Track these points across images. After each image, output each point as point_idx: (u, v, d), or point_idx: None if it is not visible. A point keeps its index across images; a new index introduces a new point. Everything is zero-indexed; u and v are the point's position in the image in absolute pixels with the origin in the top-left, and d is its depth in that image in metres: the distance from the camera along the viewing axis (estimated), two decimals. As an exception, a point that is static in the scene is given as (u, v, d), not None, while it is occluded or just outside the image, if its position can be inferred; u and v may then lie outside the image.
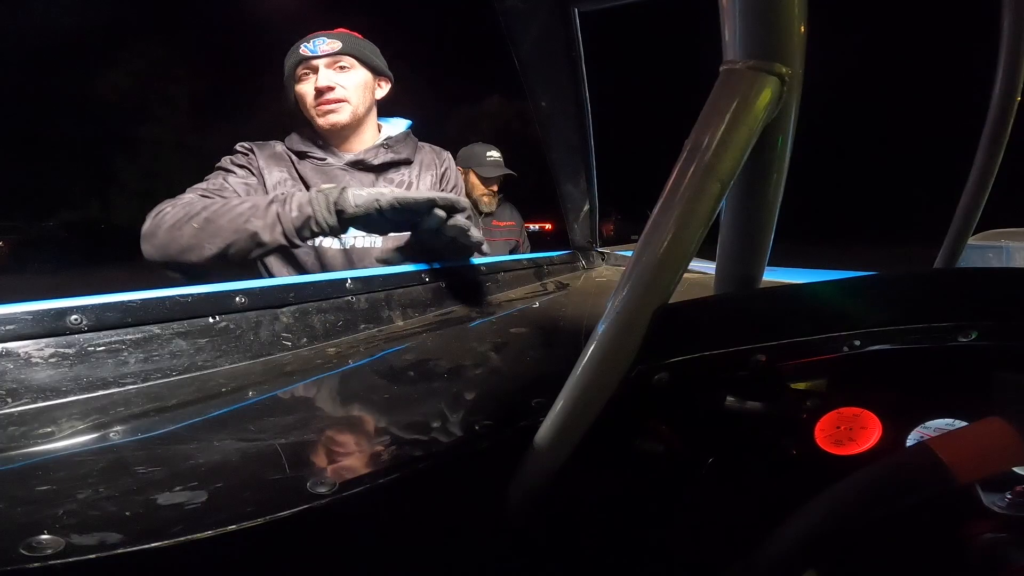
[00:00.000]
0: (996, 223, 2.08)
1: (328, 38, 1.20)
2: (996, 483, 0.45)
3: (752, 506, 0.48)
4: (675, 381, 0.42)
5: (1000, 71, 0.79)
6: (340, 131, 1.23)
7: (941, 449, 0.34)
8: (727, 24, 0.36)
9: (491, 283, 1.04)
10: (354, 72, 1.22)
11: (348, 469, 0.36)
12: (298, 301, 0.69)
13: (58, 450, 0.39)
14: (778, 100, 0.36)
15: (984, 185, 0.85)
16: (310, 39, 1.20)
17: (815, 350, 0.42)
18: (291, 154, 1.24)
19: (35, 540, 0.27)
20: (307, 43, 1.20)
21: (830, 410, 0.47)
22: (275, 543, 0.31)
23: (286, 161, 1.23)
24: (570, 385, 0.37)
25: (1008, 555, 0.42)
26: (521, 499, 0.39)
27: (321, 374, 0.57)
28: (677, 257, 0.35)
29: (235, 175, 1.15)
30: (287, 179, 1.21)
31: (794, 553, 0.36)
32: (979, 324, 0.40)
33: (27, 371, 0.47)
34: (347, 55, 1.21)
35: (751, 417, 0.47)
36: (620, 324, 0.36)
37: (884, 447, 0.47)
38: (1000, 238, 2.15)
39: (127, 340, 0.53)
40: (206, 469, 0.35)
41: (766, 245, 0.45)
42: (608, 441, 0.44)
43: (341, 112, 1.21)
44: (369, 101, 1.26)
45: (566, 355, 0.40)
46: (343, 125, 1.22)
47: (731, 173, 0.35)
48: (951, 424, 0.46)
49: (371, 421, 0.47)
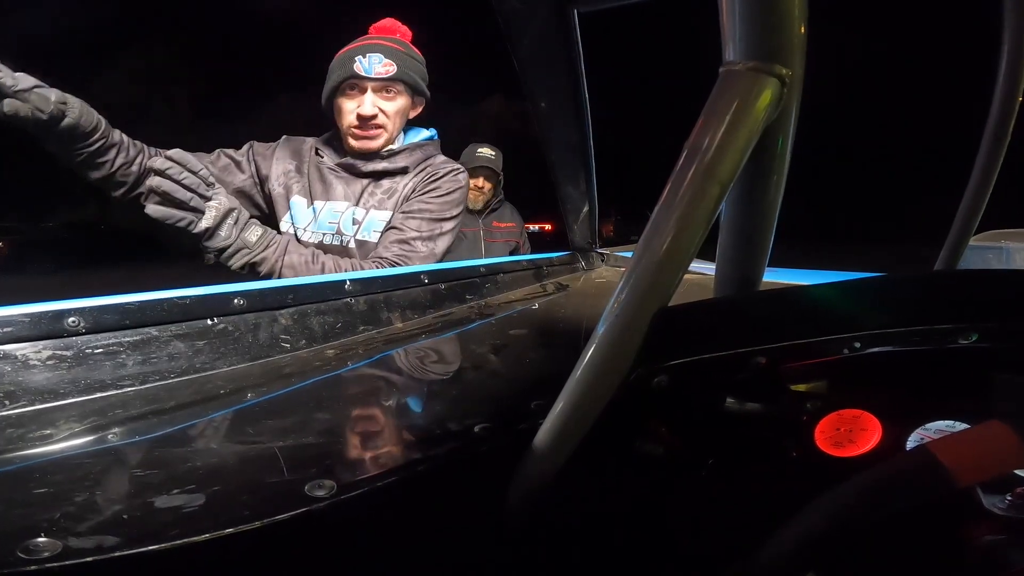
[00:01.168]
0: (996, 224, 2.07)
1: (385, 56, 1.17)
2: (996, 485, 0.45)
3: (752, 508, 0.47)
4: (675, 384, 0.42)
5: (1002, 72, 0.79)
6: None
7: (941, 452, 0.34)
8: (727, 25, 0.36)
9: (490, 284, 1.04)
10: (398, 99, 1.21)
11: (346, 472, 0.36)
12: (297, 303, 0.68)
13: (56, 452, 0.38)
14: (778, 101, 0.36)
15: (985, 186, 0.85)
16: (365, 52, 1.16)
17: (815, 352, 0.42)
18: (314, 149, 1.27)
19: (32, 543, 0.27)
20: (362, 57, 1.16)
21: (830, 412, 0.47)
22: (273, 546, 0.31)
23: (304, 156, 1.26)
24: (569, 387, 0.37)
25: (1008, 557, 0.42)
26: (520, 502, 0.39)
27: (320, 376, 0.57)
28: (677, 259, 0.35)
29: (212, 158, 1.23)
30: (291, 172, 1.24)
31: (794, 555, 0.36)
32: (979, 326, 0.40)
33: (25, 373, 0.47)
34: (398, 80, 1.19)
35: (751, 419, 0.47)
36: (620, 326, 0.36)
37: (884, 449, 0.47)
38: (1001, 239, 2.15)
39: (125, 342, 0.53)
40: (204, 472, 0.35)
41: (766, 247, 0.45)
42: (607, 443, 0.44)
43: (376, 140, 1.21)
44: (402, 125, 1.26)
45: (565, 357, 0.40)
46: (375, 150, 1.22)
47: (731, 175, 0.35)
48: (951, 426, 0.46)
49: (369, 423, 0.47)
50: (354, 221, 1.21)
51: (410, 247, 1.16)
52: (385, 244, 1.17)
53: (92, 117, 0.96)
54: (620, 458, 0.46)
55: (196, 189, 0.88)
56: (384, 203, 1.22)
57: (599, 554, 0.47)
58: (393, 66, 1.17)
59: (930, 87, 21.93)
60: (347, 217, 1.21)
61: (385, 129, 1.20)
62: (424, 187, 1.23)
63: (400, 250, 1.15)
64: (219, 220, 0.90)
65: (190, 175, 0.87)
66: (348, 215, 1.21)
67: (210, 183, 0.91)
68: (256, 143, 1.29)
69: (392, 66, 1.17)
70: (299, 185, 1.24)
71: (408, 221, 1.18)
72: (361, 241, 1.20)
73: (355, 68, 1.16)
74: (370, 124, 1.19)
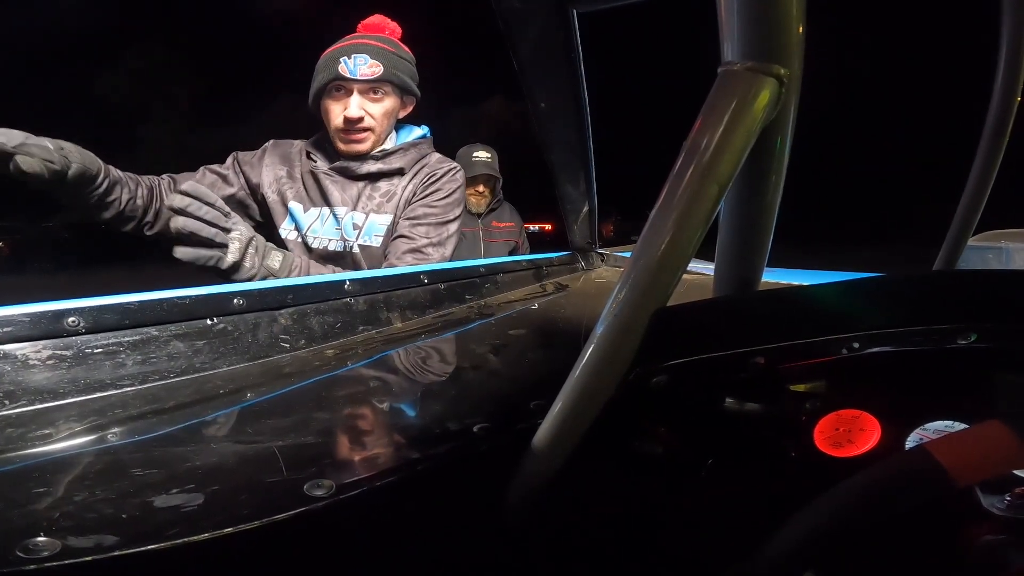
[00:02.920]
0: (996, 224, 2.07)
1: (370, 56, 1.13)
2: (995, 485, 0.45)
3: (751, 508, 0.47)
4: (674, 383, 0.42)
5: (1000, 71, 0.79)
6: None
7: (940, 452, 0.34)
8: (725, 25, 0.36)
9: (490, 284, 1.04)
10: (386, 100, 1.19)
11: (346, 472, 0.36)
12: (296, 303, 0.68)
13: (55, 452, 0.39)
14: (776, 101, 0.36)
15: (984, 186, 0.85)
16: (351, 53, 1.13)
17: (814, 352, 0.42)
18: (305, 152, 1.24)
19: (32, 542, 0.27)
20: (347, 59, 1.12)
21: (829, 412, 0.47)
22: (272, 546, 0.31)
23: (293, 160, 1.24)
24: (568, 387, 0.37)
25: (1007, 557, 0.42)
26: (519, 502, 0.39)
27: (319, 376, 0.57)
28: (675, 259, 0.35)
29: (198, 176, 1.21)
30: (283, 177, 1.22)
31: (793, 555, 0.36)
32: (978, 326, 0.40)
33: (24, 373, 0.47)
34: (385, 82, 1.16)
35: (750, 419, 0.47)
36: (618, 326, 0.36)
37: (883, 449, 0.47)
38: (1000, 239, 2.14)
39: (125, 342, 0.53)
40: (203, 471, 0.35)
41: (765, 247, 0.45)
42: (606, 443, 0.44)
43: (364, 143, 1.19)
44: (391, 125, 1.24)
45: (564, 357, 0.40)
46: (363, 153, 1.20)
47: (729, 175, 0.35)
48: (950, 426, 0.46)
49: (369, 423, 0.47)
50: (354, 226, 1.20)
51: (423, 255, 1.16)
52: (397, 254, 1.15)
53: (92, 158, 0.93)
54: (619, 458, 0.46)
55: (217, 223, 0.85)
56: (383, 206, 1.21)
57: (597, 554, 0.47)
58: (379, 67, 1.14)
59: (929, 86, 21.95)
60: (347, 222, 1.20)
61: (373, 131, 1.18)
62: (424, 190, 1.22)
63: (414, 259, 1.14)
64: (242, 252, 0.87)
65: (209, 208, 0.84)
66: (348, 220, 1.20)
67: (227, 213, 0.87)
68: (240, 152, 1.26)
69: (378, 67, 1.14)
70: (293, 190, 1.22)
71: (416, 229, 1.17)
72: (364, 246, 1.19)
73: (339, 70, 1.12)
74: (356, 127, 1.16)
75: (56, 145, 0.87)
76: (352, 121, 1.15)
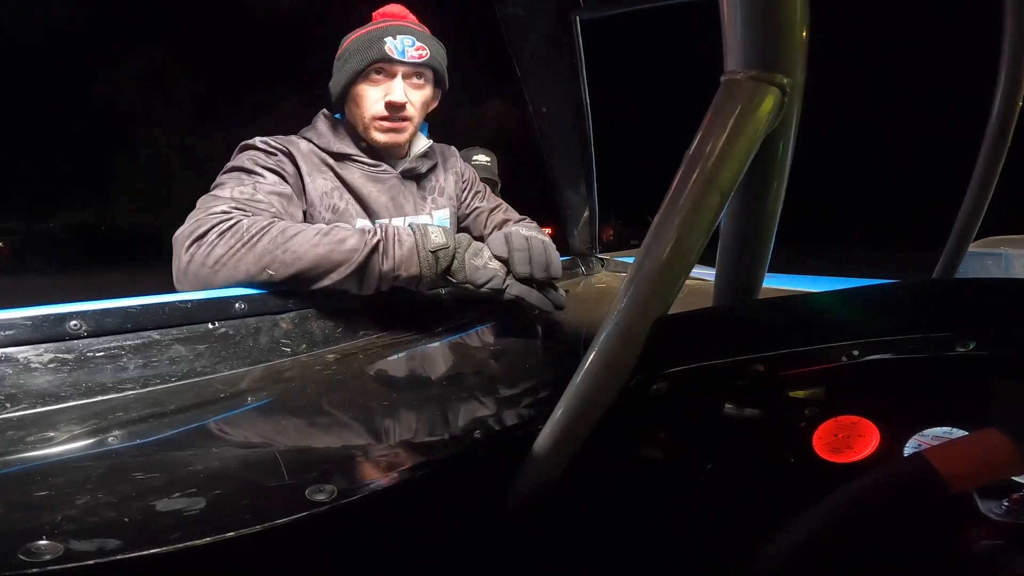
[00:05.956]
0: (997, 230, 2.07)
1: (416, 39, 1.01)
2: (993, 491, 0.45)
3: (750, 514, 0.47)
4: (674, 390, 0.42)
5: (1002, 76, 0.79)
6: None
7: (937, 459, 0.35)
8: (728, 34, 0.36)
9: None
10: (426, 88, 1.06)
11: (347, 476, 0.36)
12: (297, 307, 0.69)
13: (57, 455, 0.39)
14: (779, 110, 0.36)
15: (985, 192, 0.85)
16: (395, 34, 1.00)
17: (813, 360, 0.42)
18: (326, 155, 1.02)
19: (34, 545, 0.27)
20: (392, 39, 0.99)
21: (828, 418, 0.47)
22: (273, 550, 0.31)
23: (322, 165, 1.01)
24: (569, 393, 0.37)
25: (1005, 563, 0.42)
26: (520, 507, 0.39)
27: (320, 381, 0.57)
28: (677, 268, 0.35)
29: (264, 181, 0.88)
30: (333, 189, 1.00)
31: (791, 561, 0.36)
32: (977, 334, 0.40)
33: (26, 376, 0.47)
34: (428, 67, 1.04)
35: (750, 425, 0.47)
36: (620, 334, 0.36)
37: (881, 455, 0.47)
38: (1000, 245, 2.14)
39: (126, 346, 0.53)
40: (205, 475, 0.35)
41: (766, 255, 0.45)
42: (607, 449, 0.44)
43: (404, 133, 1.05)
44: (422, 118, 1.11)
45: (565, 363, 0.40)
46: (401, 144, 1.08)
47: (732, 183, 0.35)
48: (949, 432, 0.46)
49: (370, 428, 0.47)
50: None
51: (529, 220, 1.25)
52: (507, 224, 1.20)
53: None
54: (619, 464, 0.46)
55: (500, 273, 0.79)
56: (438, 201, 1.16)
57: (598, 559, 0.47)
58: (426, 51, 1.01)
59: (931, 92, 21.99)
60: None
61: (411, 121, 1.05)
62: (468, 187, 1.27)
63: (527, 227, 1.16)
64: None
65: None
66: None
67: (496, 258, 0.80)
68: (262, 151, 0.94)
69: (425, 50, 1.01)
70: (344, 202, 1.01)
71: (499, 211, 1.28)
72: None
73: (386, 50, 0.98)
74: (400, 115, 1.02)
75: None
76: (397, 107, 1.01)
